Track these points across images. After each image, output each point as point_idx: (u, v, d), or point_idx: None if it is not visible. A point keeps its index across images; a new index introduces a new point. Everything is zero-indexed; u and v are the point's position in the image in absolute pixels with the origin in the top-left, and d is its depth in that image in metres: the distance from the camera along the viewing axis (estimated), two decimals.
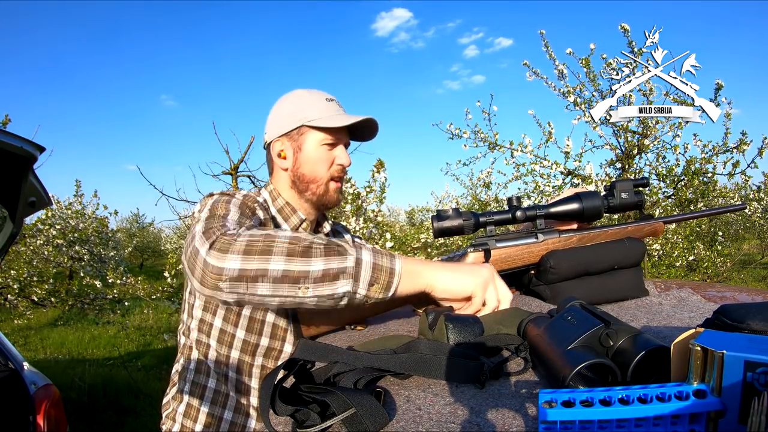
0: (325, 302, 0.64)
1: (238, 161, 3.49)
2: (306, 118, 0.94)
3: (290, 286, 0.61)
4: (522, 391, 0.53)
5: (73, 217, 5.77)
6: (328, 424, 0.47)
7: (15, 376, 1.75)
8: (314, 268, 0.61)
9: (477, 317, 0.67)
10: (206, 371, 0.90)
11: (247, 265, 0.61)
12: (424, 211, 9.35)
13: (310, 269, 0.61)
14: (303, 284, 0.61)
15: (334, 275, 0.62)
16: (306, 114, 0.95)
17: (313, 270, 0.61)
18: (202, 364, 0.90)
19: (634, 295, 0.89)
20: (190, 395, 0.89)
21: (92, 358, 4.90)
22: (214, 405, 0.89)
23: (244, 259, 0.61)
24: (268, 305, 0.65)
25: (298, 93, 1.00)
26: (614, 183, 0.91)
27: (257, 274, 0.61)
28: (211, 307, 0.89)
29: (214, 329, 0.89)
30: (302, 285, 0.61)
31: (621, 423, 0.38)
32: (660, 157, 3.63)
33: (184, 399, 0.89)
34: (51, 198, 1.80)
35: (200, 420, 0.88)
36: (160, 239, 14.62)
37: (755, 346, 0.38)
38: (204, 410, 0.88)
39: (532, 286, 0.94)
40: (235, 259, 0.61)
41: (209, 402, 0.89)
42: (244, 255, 0.61)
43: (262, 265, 0.61)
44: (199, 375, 0.90)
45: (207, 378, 0.90)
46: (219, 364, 0.89)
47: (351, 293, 0.64)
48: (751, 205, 4.48)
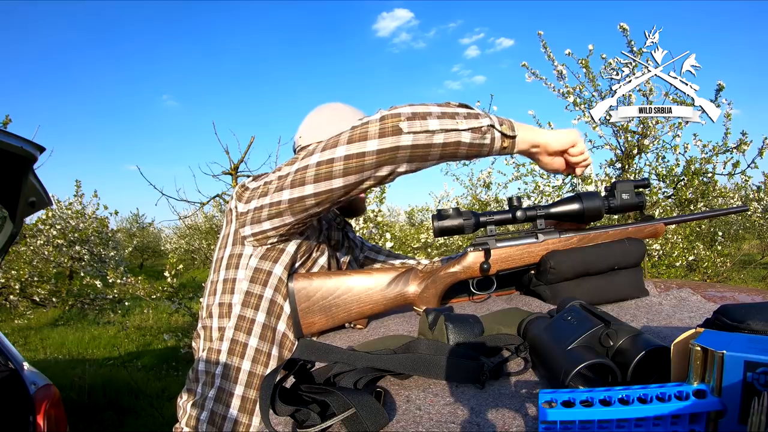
0: (476, 137, 0.77)
1: (238, 161, 3.49)
2: None
3: (450, 119, 0.75)
4: (522, 391, 0.53)
5: (73, 217, 5.77)
6: (328, 424, 0.47)
7: (15, 376, 1.75)
8: (461, 111, 0.78)
9: (477, 317, 0.67)
10: (235, 378, 0.85)
11: (417, 110, 0.75)
12: (423, 211, 9.34)
13: (458, 111, 0.77)
14: (458, 118, 0.76)
15: (476, 115, 0.78)
16: None
17: (460, 112, 0.77)
18: (231, 369, 0.85)
19: (634, 295, 0.89)
20: (216, 401, 0.84)
21: (92, 358, 4.90)
22: (242, 413, 0.84)
23: (411, 106, 0.75)
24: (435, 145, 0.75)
25: (338, 106, 1.08)
26: (615, 184, 0.91)
27: (425, 112, 0.75)
28: (260, 277, 0.87)
29: (256, 325, 0.87)
30: (458, 119, 0.76)
31: (621, 423, 0.38)
32: (660, 157, 3.63)
33: (207, 406, 0.84)
34: (51, 198, 1.80)
35: (226, 428, 0.83)
36: (160, 239, 14.61)
37: (755, 346, 0.38)
38: (231, 418, 0.83)
39: (532, 286, 0.94)
40: (405, 107, 0.75)
41: (237, 410, 0.84)
42: (410, 106, 0.75)
43: (426, 109, 0.76)
44: (226, 381, 0.85)
45: (235, 385, 0.85)
46: (264, 340, 0.87)
47: (491, 126, 0.78)
48: (751, 205, 4.49)
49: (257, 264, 0.87)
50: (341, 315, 0.88)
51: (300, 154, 0.80)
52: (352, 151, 0.74)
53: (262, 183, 0.84)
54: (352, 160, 0.74)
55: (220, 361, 0.86)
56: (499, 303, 0.94)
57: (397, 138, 0.73)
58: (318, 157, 0.77)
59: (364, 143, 0.74)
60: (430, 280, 0.90)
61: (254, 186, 0.85)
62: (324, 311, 0.87)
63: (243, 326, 0.86)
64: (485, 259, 0.90)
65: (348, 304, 0.87)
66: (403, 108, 0.76)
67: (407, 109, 0.75)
